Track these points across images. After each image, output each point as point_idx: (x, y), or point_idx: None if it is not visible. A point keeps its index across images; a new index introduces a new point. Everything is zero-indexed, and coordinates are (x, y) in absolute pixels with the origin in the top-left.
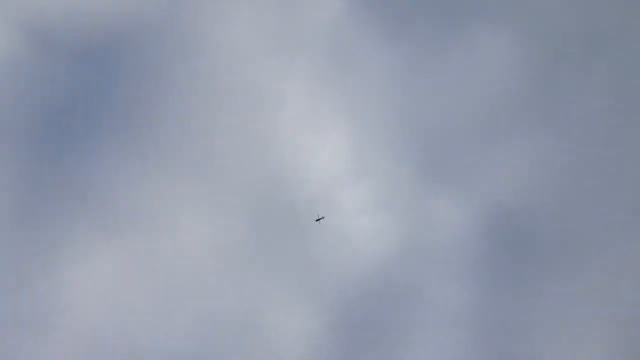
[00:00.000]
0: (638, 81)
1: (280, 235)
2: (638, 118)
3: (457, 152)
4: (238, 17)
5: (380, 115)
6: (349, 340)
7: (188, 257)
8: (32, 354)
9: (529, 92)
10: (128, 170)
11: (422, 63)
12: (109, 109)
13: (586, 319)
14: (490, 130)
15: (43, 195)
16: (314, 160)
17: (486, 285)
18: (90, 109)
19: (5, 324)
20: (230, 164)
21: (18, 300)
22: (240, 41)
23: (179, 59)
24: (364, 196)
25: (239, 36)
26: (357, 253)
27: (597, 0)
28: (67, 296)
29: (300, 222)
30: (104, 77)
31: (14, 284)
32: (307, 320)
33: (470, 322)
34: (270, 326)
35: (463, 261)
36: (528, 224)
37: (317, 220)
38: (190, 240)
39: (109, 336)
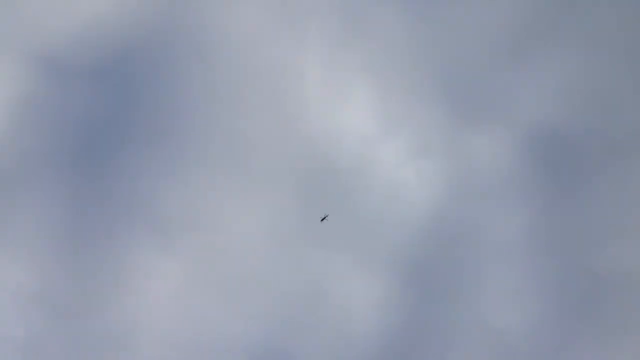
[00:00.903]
0: None
1: (328, 204)
2: None
3: (485, 85)
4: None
5: (403, 65)
6: (420, 292)
7: (247, 246)
8: None
9: (546, 12)
10: (168, 174)
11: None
12: (135, 119)
13: None
14: (513, 57)
15: (95, 216)
16: (347, 124)
17: (541, 208)
18: (118, 123)
19: (92, 347)
20: (266, 144)
21: (97, 321)
22: (250, 20)
23: (193, 53)
24: (403, 147)
25: (248, 16)
26: (408, 204)
27: None
28: (143, 307)
29: (346, 187)
30: (124, 90)
31: (91, 307)
32: (375, 282)
33: (531, 249)
34: (340, 296)
35: (513, 190)
36: (569, 139)
37: (322, 220)
38: (245, 228)
39: (189, 335)
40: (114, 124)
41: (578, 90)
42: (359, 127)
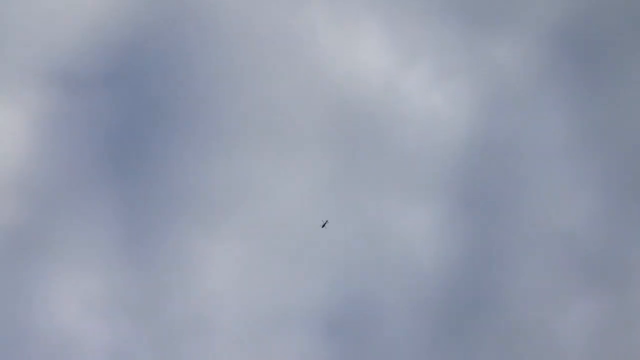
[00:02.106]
0: None
1: (364, 147)
2: None
3: None
4: None
5: None
6: (474, 211)
7: (296, 208)
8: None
9: None
10: (204, 157)
11: None
12: (160, 111)
13: None
14: None
15: (145, 212)
16: (365, 62)
17: (577, 105)
18: (144, 118)
19: (170, 338)
20: (290, 105)
21: (169, 313)
22: None
23: (201, 33)
24: (426, 73)
25: None
26: (442, 129)
27: None
28: (212, 291)
29: (377, 126)
30: (143, 85)
31: (160, 300)
32: (428, 212)
33: (574, 148)
34: (399, 234)
35: (545, 93)
36: (593, 29)
37: (322, 226)
38: (290, 192)
39: (263, 309)
40: (140, 121)
41: None
42: (378, 64)
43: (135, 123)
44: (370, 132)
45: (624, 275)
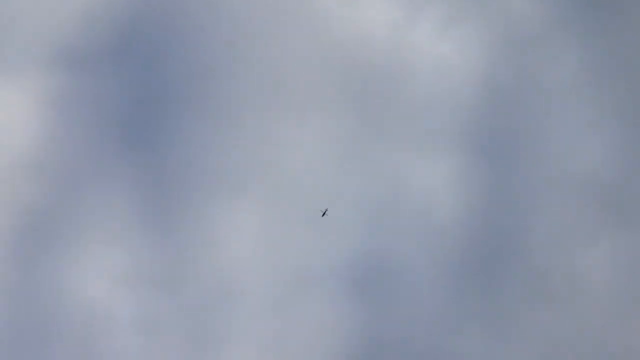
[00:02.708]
0: None
1: (376, 104)
2: None
3: None
4: None
5: None
6: (493, 157)
7: (316, 170)
8: (239, 314)
9: None
10: (219, 126)
11: None
12: (171, 84)
13: None
14: None
15: (166, 186)
16: (372, 17)
17: (590, 44)
18: (156, 91)
19: (198, 306)
20: (302, 67)
21: (196, 285)
22: None
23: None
24: (434, 22)
25: None
26: (455, 76)
27: None
28: (237, 260)
29: (390, 80)
30: (151, 58)
31: (187, 273)
32: (447, 163)
33: (589, 86)
34: (419, 188)
35: (558, 32)
36: None
37: (323, 214)
38: (309, 154)
39: (289, 274)
40: (151, 94)
41: None
42: (385, 15)
43: (145, 97)
44: (380, 86)
45: None
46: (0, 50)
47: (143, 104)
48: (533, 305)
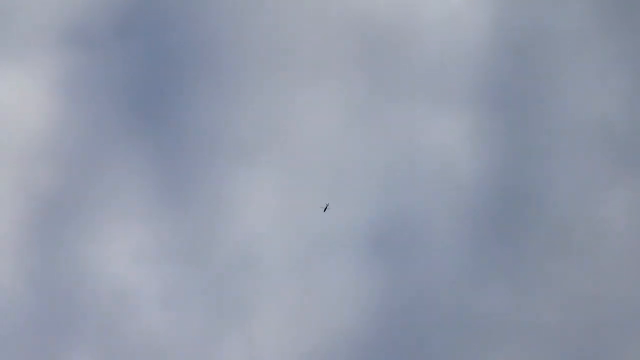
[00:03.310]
0: None
1: (388, 64)
2: None
3: None
4: None
5: None
6: (505, 110)
7: (329, 135)
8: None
9: None
10: (230, 96)
11: None
12: (179, 58)
13: None
14: None
15: (182, 160)
16: None
17: None
18: (165, 66)
19: (220, 277)
20: (308, 35)
21: (220, 256)
22: None
23: None
24: None
25: None
26: (464, 31)
27: None
28: (257, 228)
29: (397, 38)
30: (159, 34)
31: (211, 245)
32: (461, 119)
33: (600, 32)
34: (435, 145)
35: None
36: None
37: (324, 210)
38: (321, 119)
39: (309, 235)
40: (160, 68)
41: None
42: None
43: (155, 71)
44: (390, 44)
45: None
46: (6, 34)
47: (153, 78)
48: (554, 256)
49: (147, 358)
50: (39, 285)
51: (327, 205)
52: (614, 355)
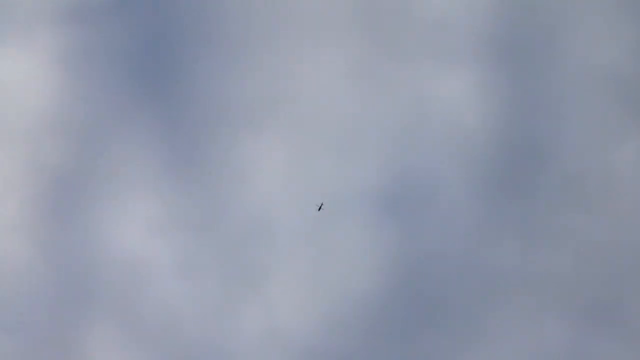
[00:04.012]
0: None
1: (391, 23)
2: None
3: None
4: None
5: None
6: (512, 63)
7: (336, 97)
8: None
9: None
10: (237, 62)
11: None
12: (183, 25)
13: None
14: None
15: (193, 128)
16: None
17: None
18: (171, 35)
19: (233, 245)
20: None
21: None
22: None
23: None
24: None
25: None
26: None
27: None
28: (267, 194)
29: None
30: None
31: (223, 213)
32: (467, 77)
33: None
34: (443, 102)
35: None
36: None
37: (319, 209)
38: (326, 79)
39: (325, 195)
40: (165, 37)
41: None
42: None
43: (158, 40)
44: (393, 1)
45: None
46: (6, 12)
47: (157, 48)
48: (565, 208)
49: (164, 327)
50: (53, 260)
51: (322, 204)
52: (626, 306)
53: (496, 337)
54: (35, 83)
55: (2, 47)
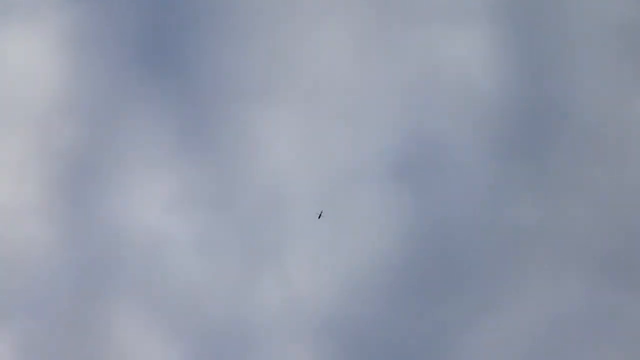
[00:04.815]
0: None
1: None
2: None
3: None
4: None
5: None
6: (523, 19)
7: (349, 67)
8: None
9: None
10: (247, 33)
11: None
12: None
13: None
14: None
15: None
16: None
17: None
18: (179, 10)
19: (250, 218)
20: None
21: (249, 192)
22: None
23: None
24: None
25: None
26: None
27: None
28: (282, 166)
29: None
30: None
31: (236, 184)
32: (479, 33)
33: None
34: (456, 63)
35: None
36: None
37: (319, 217)
38: (339, 50)
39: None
40: (172, 10)
41: None
42: None
43: (167, 14)
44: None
45: None
46: None
47: (164, 22)
48: (582, 164)
49: (185, 304)
50: (72, 242)
51: (321, 212)
52: None
53: (517, 295)
54: (44, 65)
55: (11, 28)
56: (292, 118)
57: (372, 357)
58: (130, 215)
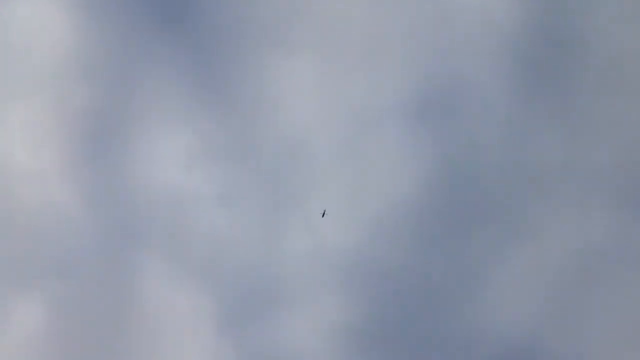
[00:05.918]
0: None
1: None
2: None
3: None
4: None
5: None
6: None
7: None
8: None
9: None
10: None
11: None
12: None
13: None
14: None
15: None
16: None
17: None
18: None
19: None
20: None
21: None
22: None
23: None
24: None
25: None
26: None
27: None
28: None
29: None
30: None
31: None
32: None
33: None
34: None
35: None
36: None
37: (322, 215)
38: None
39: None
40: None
41: None
42: None
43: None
44: None
45: None
46: None
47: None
48: (603, 97)
49: (211, 256)
50: (96, 202)
51: (325, 211)
52: None
53: (542, 229)
54: (57, 24)
55: None
56: (311, 65)
57: (401, 298)
58: (152, 172)
